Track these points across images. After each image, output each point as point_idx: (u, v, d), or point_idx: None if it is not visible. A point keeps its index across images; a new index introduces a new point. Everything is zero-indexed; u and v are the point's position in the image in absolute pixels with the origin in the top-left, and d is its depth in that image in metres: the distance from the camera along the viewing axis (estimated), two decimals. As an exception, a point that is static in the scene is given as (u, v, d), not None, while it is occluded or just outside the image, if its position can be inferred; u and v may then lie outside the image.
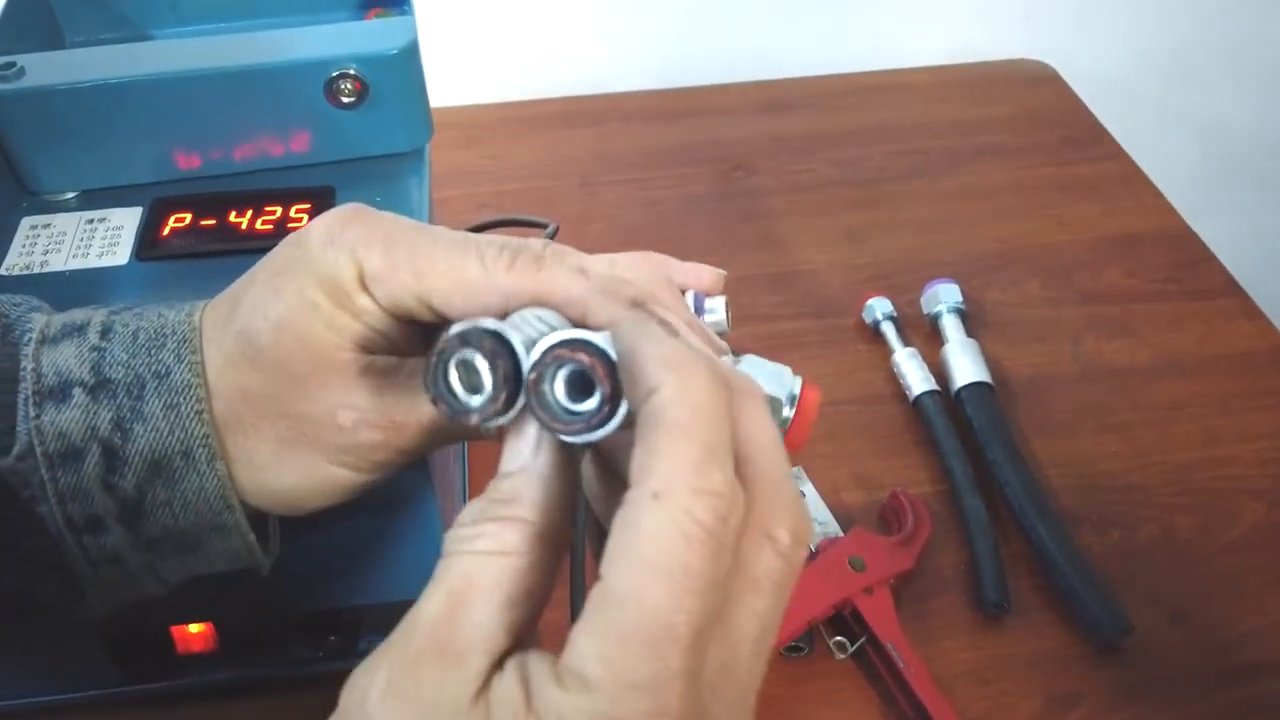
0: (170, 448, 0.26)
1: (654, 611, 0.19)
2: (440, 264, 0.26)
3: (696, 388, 0.21)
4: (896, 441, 0.58)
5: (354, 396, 0.26)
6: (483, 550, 0.22)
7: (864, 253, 0.70)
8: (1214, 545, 0.53)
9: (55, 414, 0.26)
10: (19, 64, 0.42)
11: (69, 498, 0.26)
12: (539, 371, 0.23)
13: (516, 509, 0.23)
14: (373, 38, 0.43)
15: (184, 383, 0.26)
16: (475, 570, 0.22)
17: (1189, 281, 0.68)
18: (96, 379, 0.26)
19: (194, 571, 0.30)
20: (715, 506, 0.20)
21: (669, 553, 0.20)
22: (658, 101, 0.83)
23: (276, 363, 0.26)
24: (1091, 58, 0.90)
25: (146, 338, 0.27)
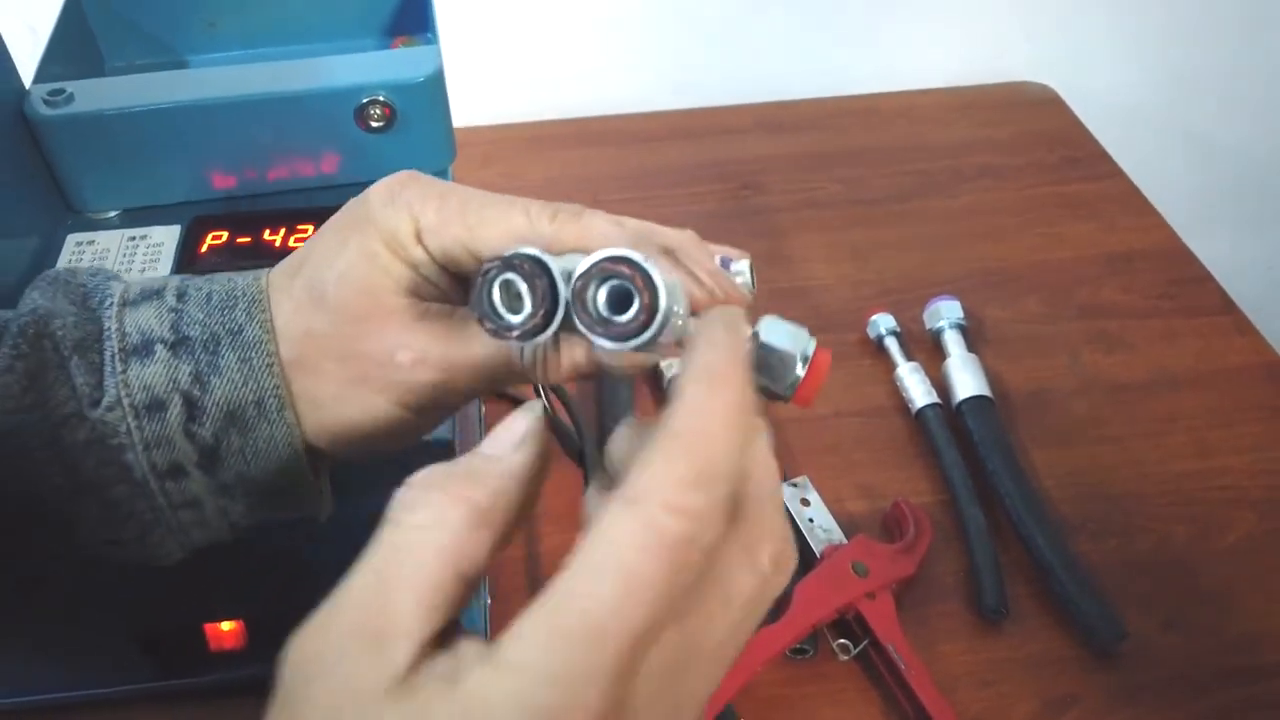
0: (244, 398, 0.29)
1: (596, 610, 0.20)
2: (489, 217, 0.28)
3: (713, 412, 0.21)
4: (899, 452, 0.59)
5: (411, 338, 0.29)
6: (420, 524, 0.22)
7: (869, 269, 0.72)
8: (1207, 553, 0.54)
9: (140, 369, 0.28)
10: (68, 90, 0.44)
11: (153, 445, 0.28)
12: (585, 280, 0.25)
13: (468, 488, 0.22)
14: (401, 66, 0.45)
15: (255, 339, 0.29)
16: (408, 547, 0.21)
17: (1184, 298, 0.69)
18: (176, 336, 0.29)
19: (261, 516, 0.32)
20: (685, 526, 0.20)
21: (623, 558, 0.20)
22: (669, 122, 0.86)
23: (340, 306, 0.29)
24: (1091, 80, 0.92)
25: (219, 299, 0.29)
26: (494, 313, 0.26)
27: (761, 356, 0.28)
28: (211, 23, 0.56)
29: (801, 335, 0.28)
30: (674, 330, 0.25)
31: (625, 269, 0.24)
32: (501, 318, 0.26)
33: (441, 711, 0.19)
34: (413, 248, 0.29)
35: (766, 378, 0.28)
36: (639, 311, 0.24)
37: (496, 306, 0.26)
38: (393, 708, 0.20)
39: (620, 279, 0.25)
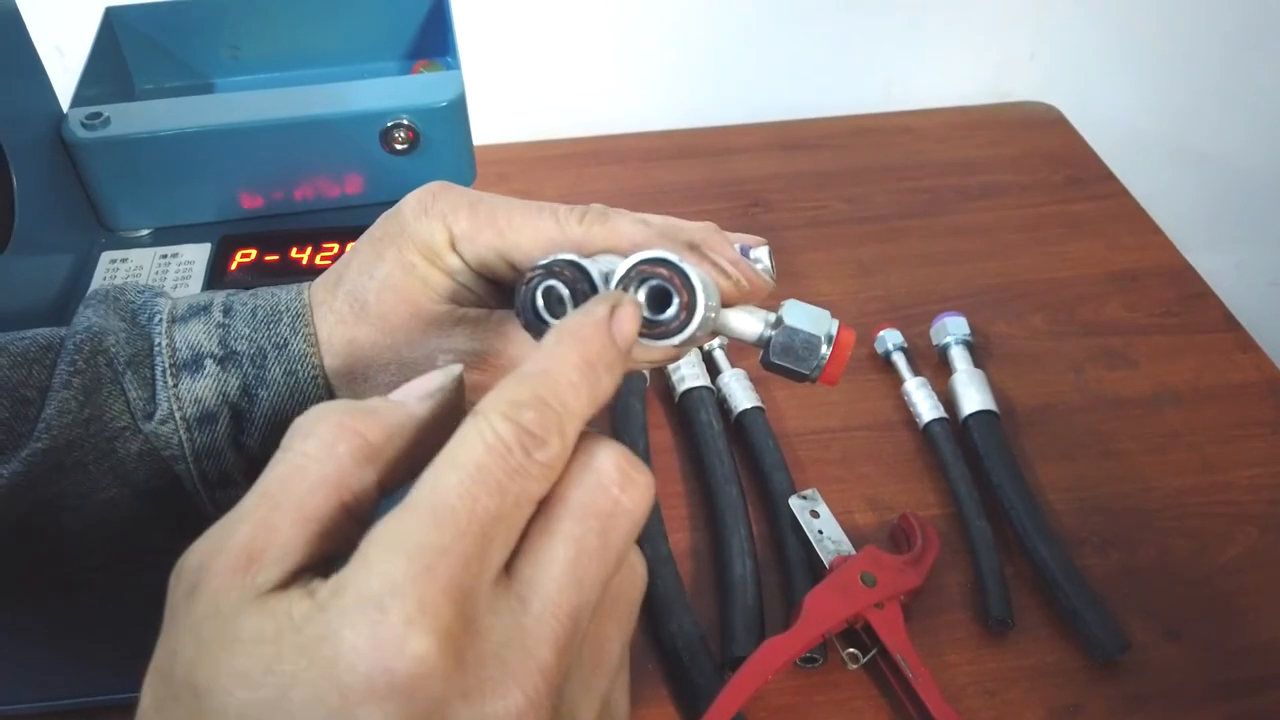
0: (290, 409, 0.30)
1: (439, 492, 0.20)
2: (519, 222, 0.30)
3: (559, 357, 0.22)
4: (906, 466, 0.61)
5: (450, 342, 0.30)
6: (307, 452, 0.22)
7: (876, 286, 0.73)
8: (1209, 567, 0.55)
9: (191, 383, 0.29)
10: (105, 114, 0.46)
11: (204, 456, 0.30)
12: (625, 284, 0.26)
13: (361, 423, 0.22)
14: (425, 91, 0.47)
15: (300, 352, 0.30)
16: (294, 473, 0.21)
17: (1187, 315, 0.71)
18: (224, 351, 0.30)
19: None
20: (518, 433, 0.21)
21: (466, 450, 0.21)
22: (680, 140, 0.87)
23: (380, 316, 0.30)
24: (1095, 100, 0.93)
25: (264, 314, 0.31)
26: (538, 318, 0.27)
27: (786, 340, 0.29)
28: (235, 47, 0.58)
29: (824, 317, 0.30)
30: (707, 324, 0.27)
31: (663, 270, 0.26)
32: (546, 323, 0.27)
33: (297, 614, 0.19)
34: (448, 256, 0.30)
35: (792, 360, 0.29)
36: (679, 310, 0.26)
37: (541, 312, 0.27)
38: (249, 619, 0.19)
39: (658, 279, 0.26)
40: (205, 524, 0.30)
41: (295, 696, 0.18)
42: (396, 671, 0.18)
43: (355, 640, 0.18)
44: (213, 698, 0.19)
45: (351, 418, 0.22)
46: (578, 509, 0.22)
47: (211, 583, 0.20)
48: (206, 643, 0.19)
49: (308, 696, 0.18)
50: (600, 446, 0.23)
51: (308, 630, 0.19)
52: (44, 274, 0.44)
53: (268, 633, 0.19)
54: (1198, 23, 0.92)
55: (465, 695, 0.19)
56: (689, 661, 0.49)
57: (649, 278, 0.26)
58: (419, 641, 0.18)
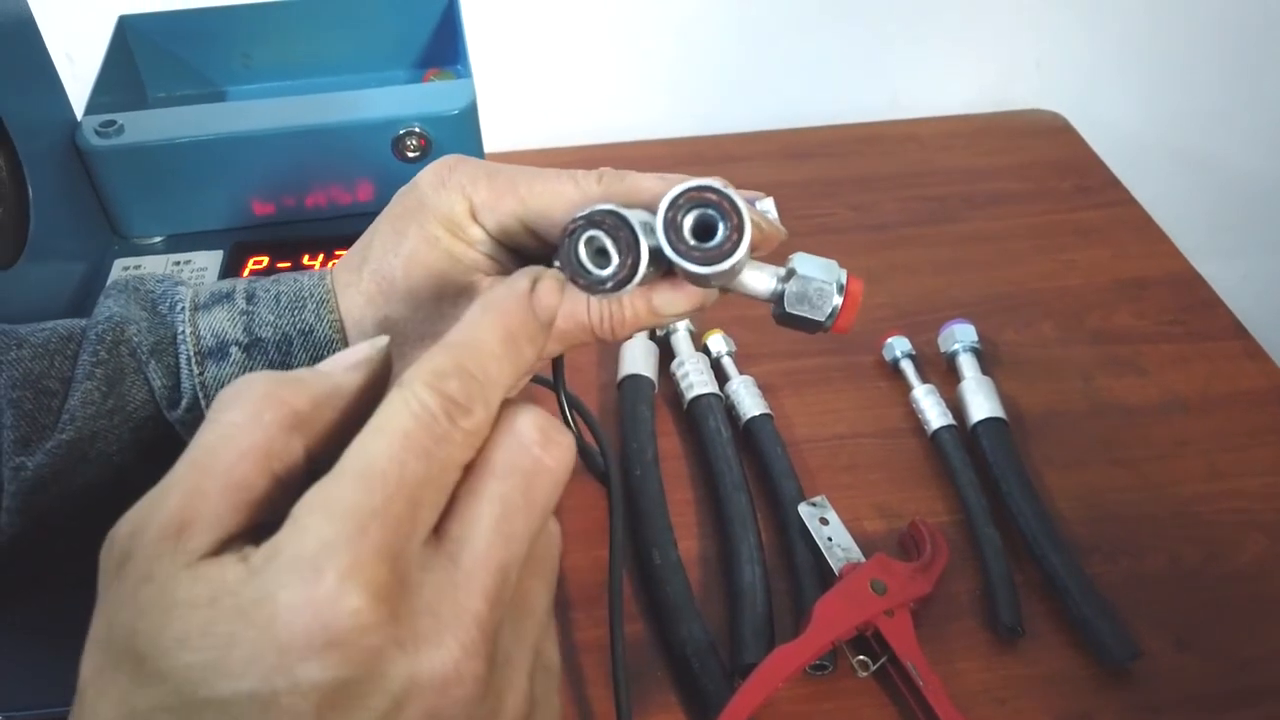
0: None
1: (368, 458, 0.21)
2: (539, 188, 0.30)
3: (480, 326, 0.23)
4: (915, 473, 0.61)
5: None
6: (234, 421, 0.22)
7: (883, 294, 0.73)
8: (1218, 575, 0.55)
9: (217, 370, 0.30)
10: (119, 122, 0.46)
11: None
12: (673, 210, 0.27)
13: (288, 392, 0.22)
14: (436, 99, 0.47)
15: (326, 338, 0.30)
16: (221, 441, 0.21)
17: (1195, 323, 0.71)
18: (250, 338, 0.30)
19: None
20: (443, 402, 0.22)
21: (393, 418, 0.21)
22: (687, 148, 0.88)
23: (409, 292, 0.30)
24: (1101, 108, 0.94)
25: (288, 300, 0.31)
26: (584, 268, 0.27)
27: (800, 289, 0.30)
28: (247, 55, 0.58)
29: (833, 266, 0.31)
30: (747, 256, 0.28)
31: (711, 195, 0.27)
32: (591, 272, 0.27)
33: (232, 578, 0.19)
34: (470, 227, 0.30)
35: (807, 307, 0.30)
36: (730, 231, 0.27)
37: (584, 262, 0.27)
38: (184, 585, 0.20)
39: (706, 205, 0.27)
40: None
41: (235, 656, 0.19)
42: (332, 627, 0.19)
43: (291, 599, 0.19)
44: (152, 662, 0.19)
45: (278, 386, 0.22)
46: (502, 469, 0.22)
47: (144, 551, 0.20)
48: (144, 610, 0.19)
49: (247, 655, 0.19)
50: (521, 411, 0.23)
51: (244, 593, 0.19)
52: (58, 281, 0.45)
53: (203, 597, 0.19)
54: (1203, 30, 0.93)
55: (400, 645, 0.19)
56: (698, 669, 0.49)
57: (697, 205, 0.27)
58: (353, 597, 0.19)
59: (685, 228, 0.27)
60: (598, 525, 0.51)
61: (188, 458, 0.21)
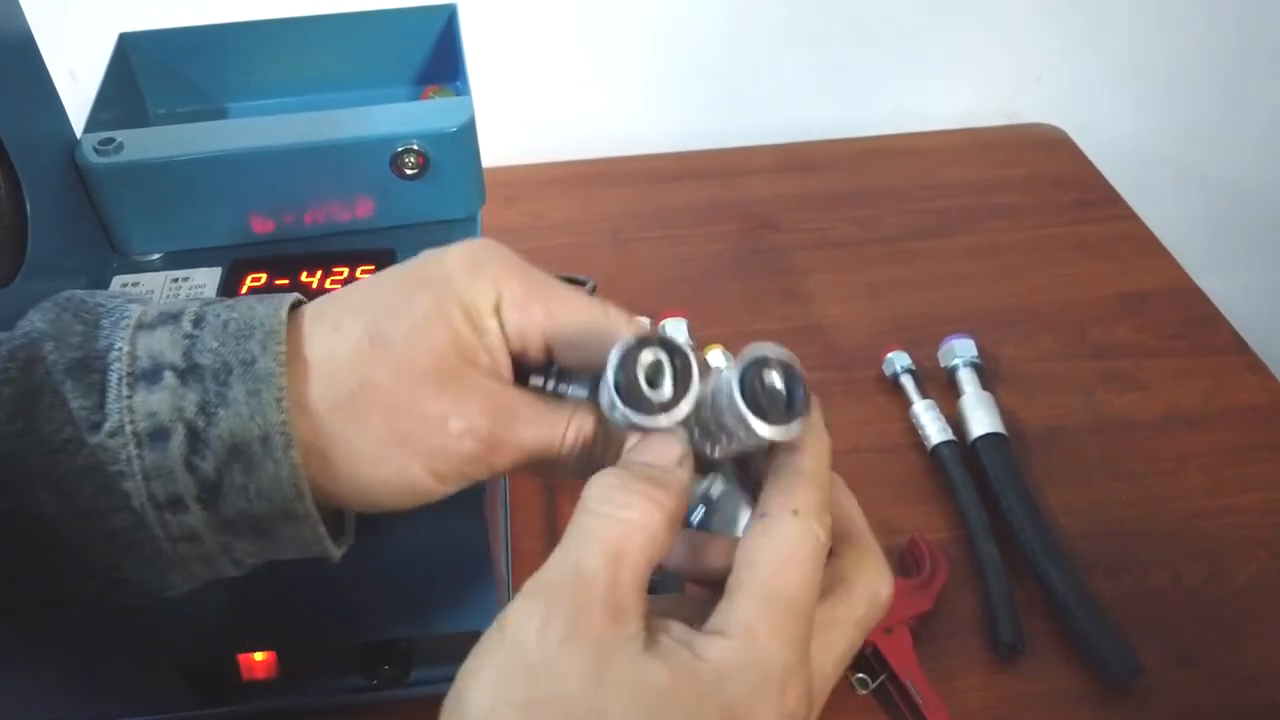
0: (249, 433, 0.28)
1: (794, 590, 0.26)
2: (571, 304, 0.31)
3: (823, 455, 0.29)
4: (915, 489, 0.60)
5: (461, 408, 0.29)
6: (634, 520, 0.26)
7: (884, 308, 0.73)
8: (1221, 591, 0.55)
9: (146, 394, 0.27)
10: (118, 140, 0.46)
11: (153, 475, 0.27)
12: (746, 375, 0.27)
13: (662, 496, 0.26)
14: (435, 116, 0.47)
15: (267, 371, 0.28)
16: (628, 537, 0.26)
17: (1196, 338, 0.70)
18: (187, 364, 0.28)
19: (267, 556, 0.31)
20: (827, 533, 0.28)
21: (808, 553, 0.27)
22: (688, 162, 0.88)
23: (406, 362, 0.29)
24: (1102, 122, 0.94)
25: (236, 328, 0.29)
26: (635, 390, 0.27)
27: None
28: (248, 72, 0.59)
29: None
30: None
31: (776, 370, 0.28)
32: (643, 395, 0.27)
33: (688, 668, 0.25)
34: (488, 319, 0.30)
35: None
36: (801, 402, 0.28)
37: (642, 383, 0.28)
38: (643, 665, 0.24)
39: (780, 377, 0.28)
40: (155, 548, 0.29)
41: None
42: None
43: (765, 711, 0.25)
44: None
45: (658, 491, 0.27)
46: (862, 626, 0.29)
47: (590, 632, 0.24)
48: (608, 682, 0.24)
49: None
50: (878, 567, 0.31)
51: (707, 687, 0.25)
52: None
53: (662, 679, 0.24)
54: (1204, 45, 0.93)
55: None
56: (697, 686, 0.49)
57: (766, 373, 0.27)
58: (802, 716, 0.26)
59: (767, 380, 0.27)
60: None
61: (600, 546, 0.25)
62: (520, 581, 0.26)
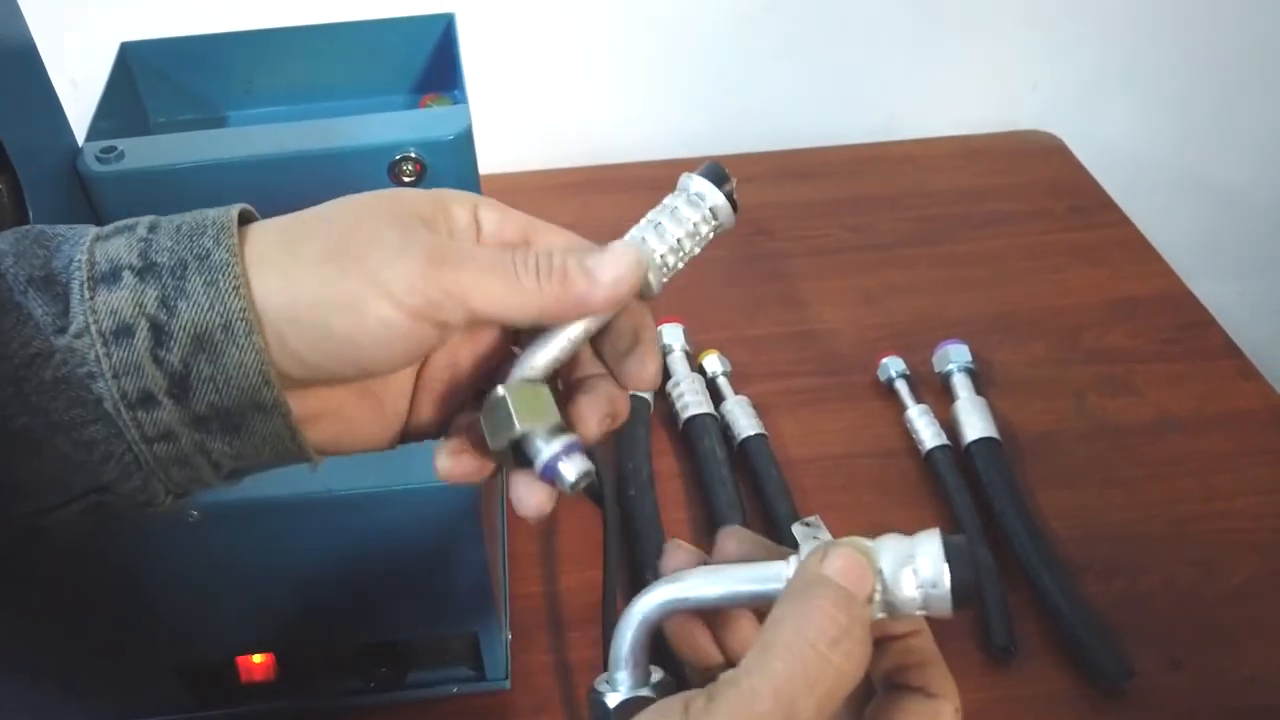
0: (211, 322, 0.28)
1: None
2: (551, 231, 0.33)
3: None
4: (909, 493, 0.61)
5: (411, 234, 0.29)
6: (850, 674, 0.26)
7: (879, 313, 0.74)
8: (1213, 595, 0.55)
9: (107, 294, 0.28)
10: (119, 148, 0.47)
11: (122, 372, 0.28)
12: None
13: (869, 642, 0.27)
14: (432, 125, 0.48)
15: (222, 262, 0.28)
16: (840, 689, 0.26)
17: (1189, 343, 0.71)
18: (144, 263, 0.28)
19: (245, 459, 0.31)
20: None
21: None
22: (683, 169, 0.88)
23: (363, 206, 0.30)
24: (1096, 129, 0.94)
25: (189, 228, 0.29)
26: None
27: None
28: (248, 81, 0.59)
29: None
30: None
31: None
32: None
33: None
34: (456, 206, 0.31)
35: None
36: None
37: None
38: None
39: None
40: (133, 456, 0.29)
41: None
42: None
43: None
44: None
45: (869, 633, 0.26)
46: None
47: None
48: None
49: None
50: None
51: None
52: (58, 304, 0.45)
53: None
54: (1198, 52, 0.94)
55: None
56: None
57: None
58: None
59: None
60: (592, 545, 0.51)
61: (816, 697, 0.25)
62: (518, 585, 0.26)
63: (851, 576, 0.28)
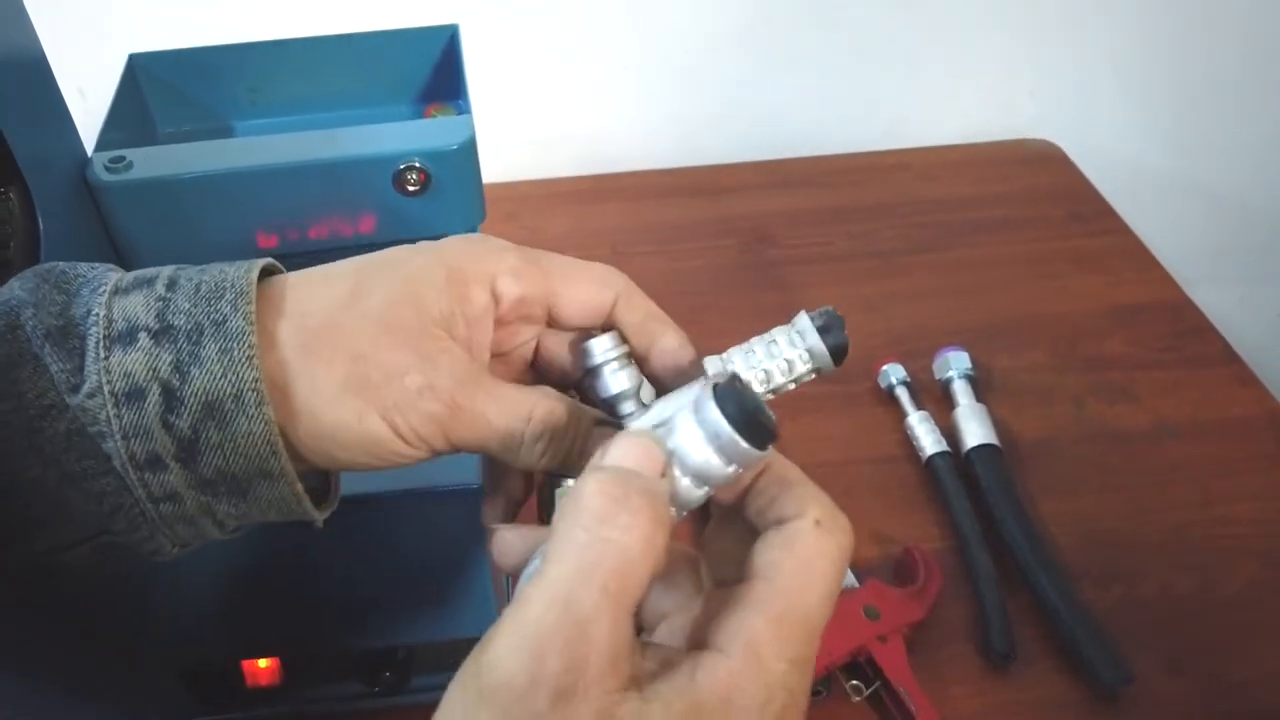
0: (222, 390, 0.28)
1: (812, 608, 0.25)
2: (571, 270, 0.33)
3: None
4: (909, 499, 0.61)
5: (427, 366, 0.30)
6: (637, 545, 0.24)
7: (879, 321, 0.74)
8: (1211, 600, 0.56)
9: (122, 355, 0.28)
10: (128, 158, 0.47)
11: (132, 434, 0.28)
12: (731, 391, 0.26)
13: (663, 512, 0.25)
14: (436, 134, 0.48)
15: (238, 330, 0.28)
16: (633, 565, 0.24)
17: (1188, 350, 0.71)
18: (161, 325, 0.28)
19: (249, 519, 0.32)
20: (851, 542, 0.27)
21: (832, 570, 0.26)
22: (685, 178, 0.89)
23: (376, 313, 0.30)
24: (1095, 136, 0.95)
25: (208, 290, 0.29)
26: (755, 420, 0.26)
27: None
28: (254, 91, 0.60)
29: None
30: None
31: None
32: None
33: (707, 708, 0.24)
34: (475, 287, 0.31)
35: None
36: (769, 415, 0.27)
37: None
38: (654, 708, 0.23)
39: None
40: (140, 511, 0.29)
41: None
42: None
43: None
44: None
45: (659, 504, 0.25)
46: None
47: (588, 693, 0.23)
48: None
49: None
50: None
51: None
52: (67, 312, 0.46)
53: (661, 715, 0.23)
54: (1196, 59, 0.94)
55: None
56: (693, 693, 0.49)
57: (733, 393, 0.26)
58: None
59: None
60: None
61: (598, 580, 0.23)
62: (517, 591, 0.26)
63: (632, 458, 0.26)
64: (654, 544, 0.24)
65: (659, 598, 0.28)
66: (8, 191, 0.43)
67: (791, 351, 0.32)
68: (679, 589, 0.29)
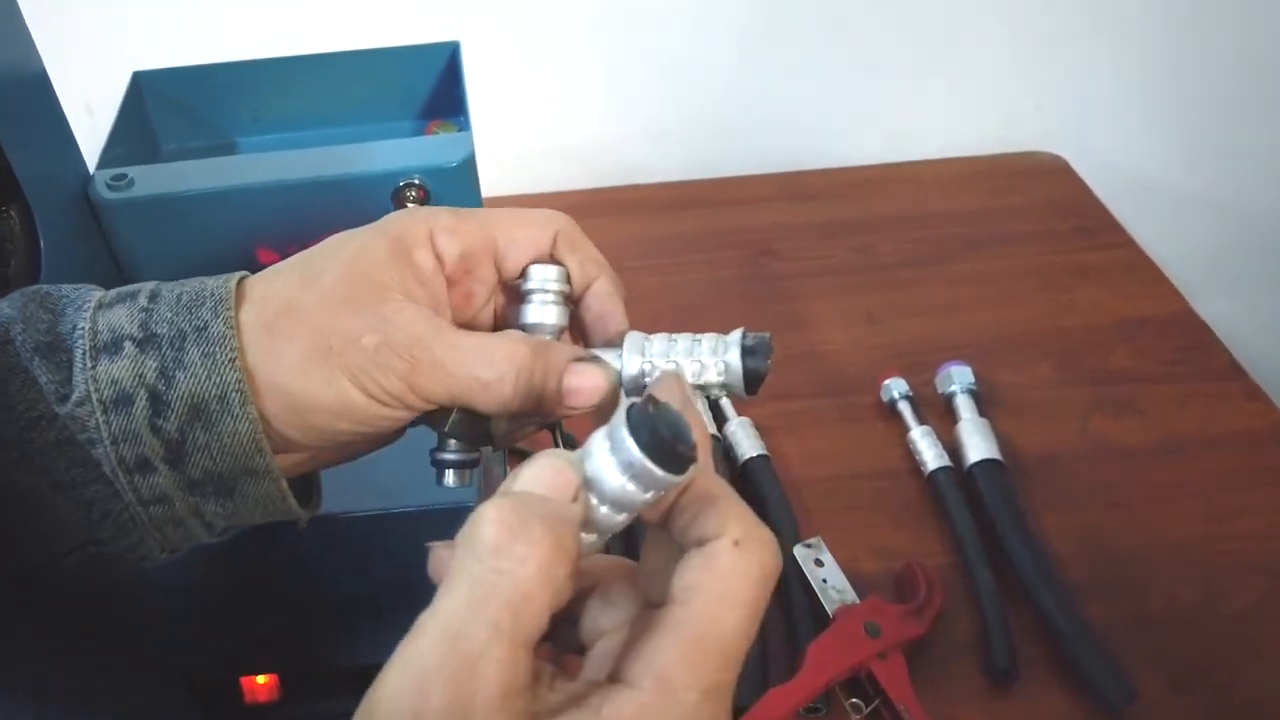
0: (207, 393, 0.29)
1: (729, 632, 0.24)
2: (509, 218, 0.34)
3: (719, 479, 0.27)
4: (911, 514, 0.61)
5: (384, 325, 0.30)
6: (533, 577, 0.23)
7: (882, 334, 0.74)
8: (1217, 617, 0.55)
9: (109, 364, 0.29)
10: (130, 176, 0.48)
11: (121, 440, 0.29)
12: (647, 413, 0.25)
13: (568, 540, 0.24)
14: (435, 152, 0.49)
15: (219, 334, 0.30)
16: (528, 599, 0.23)
17: (1194, 364, 0.71)
18: (144, 334, 0.30)
19: (237, 519, 0.32)
20: (777, 563, 0.25)
21: (753, 592, 0.24)
22: (689, 192, 0.89)
23: (329, 289, 0.30)
24: (1101, 149, 0.94)
25: (189, 299, 0.31)
26: (665, 446, 0.24)
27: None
28: (256, 109, 0.60)
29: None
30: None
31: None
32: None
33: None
34: (418, 250, 0.31)
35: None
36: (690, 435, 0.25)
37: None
38: None
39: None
40: (129, 516, 0.30)
41: None
42: None
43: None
44: None
45: (563, 531, 0.23)
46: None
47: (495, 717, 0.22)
48: None
49: None
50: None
51: None
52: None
53: None
54: (1203, 71, 0.94)
55: None
56: (693, 710, 0.49)
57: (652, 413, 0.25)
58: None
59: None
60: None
61: (487, 616, 0.22)
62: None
63: (542, 483, 0.25)
64: (552, 575, 0.23)
65: (597, 614, 0.28)
66: (9, 209, 0.44)
67: (710, 358, 0.32)
68: (617, 606, 0.28)
